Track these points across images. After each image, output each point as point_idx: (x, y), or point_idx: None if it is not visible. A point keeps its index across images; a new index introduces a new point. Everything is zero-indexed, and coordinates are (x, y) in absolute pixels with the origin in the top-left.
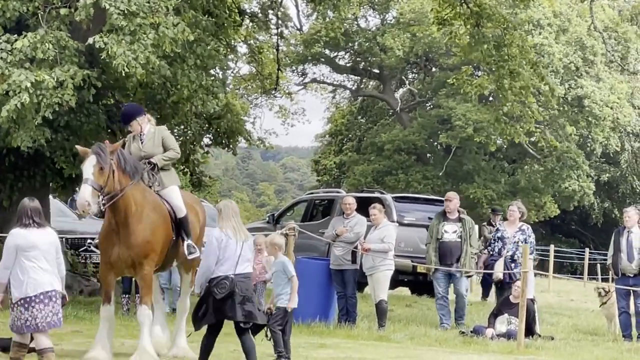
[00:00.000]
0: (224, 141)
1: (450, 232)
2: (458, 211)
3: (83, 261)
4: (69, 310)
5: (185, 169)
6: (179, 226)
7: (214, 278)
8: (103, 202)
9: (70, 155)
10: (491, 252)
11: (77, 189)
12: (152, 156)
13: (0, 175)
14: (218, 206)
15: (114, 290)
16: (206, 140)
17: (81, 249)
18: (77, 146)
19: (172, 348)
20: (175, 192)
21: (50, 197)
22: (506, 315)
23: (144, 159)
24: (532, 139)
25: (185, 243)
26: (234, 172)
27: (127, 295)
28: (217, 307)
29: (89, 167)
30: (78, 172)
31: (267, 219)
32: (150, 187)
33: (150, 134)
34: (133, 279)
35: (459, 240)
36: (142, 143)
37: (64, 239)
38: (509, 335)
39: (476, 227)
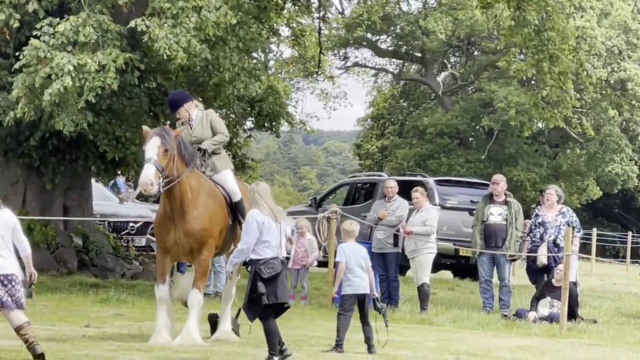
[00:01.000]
0: (266, 124)
1: (496, 214)
2: (505, 194)
3: (125, 244)
4: (111, 293)
5: (228, 152)
6: (235, 210)
7: (259, 259)
8: (162, 184)
9: (113, 138)
10: (533, 239)
11: (118, 172)
12: (202, 141)
13: (43, 158)
14: (252, 187)
15: (167, 272)
16: (248, 123)
17: (123, 232)
18: (144, 126)
19: (217, 332)
20: (229, 176)
21: (93, 180)
22: (548, 298)
23: (194, 144)
24: (570, 126)
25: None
26: (276, 156)
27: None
28: (269, 290)
29: (153, 148)
30: (120, 156)
31: (310, 202)
32: (203, 172)
33: (198, 118)
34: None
35: (505, 223)
36: (191, 129)
37: (106, 222)
38: (551, 319)
39: (522, 210)
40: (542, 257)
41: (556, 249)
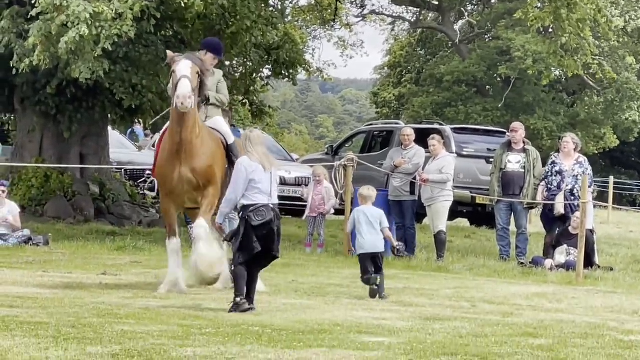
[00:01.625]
0: (283, 72)
1: (514, 162)
2: (523, 142)
3: (142, 192)
4: (128, 241)
5: (245, 100)
6: (230, 153)
7: (250, 205)
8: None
9: (129, 86)
10: (549, 186)
11: (136, 120)
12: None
13: (60, 106)
14: (244, 134)
15: (176, 222)
16: (266, 71)
17: (140, 180)
18: (168, 51)
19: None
20: (222, 121)
21: (109, 128)
22: (565, 246)
23: None
24: (590, 71)
25: None
26: (293, 105)
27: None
28: (258, 237)
29: (185, 67)
30: (137, 104)
31: (326, 150)
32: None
33: (210, 72)
34: None
35: (523, 171)
36: None
37: (123, 170)
38: (567, 267)
39: (540, 158)
40: (560, 206)
41: (572, 198)
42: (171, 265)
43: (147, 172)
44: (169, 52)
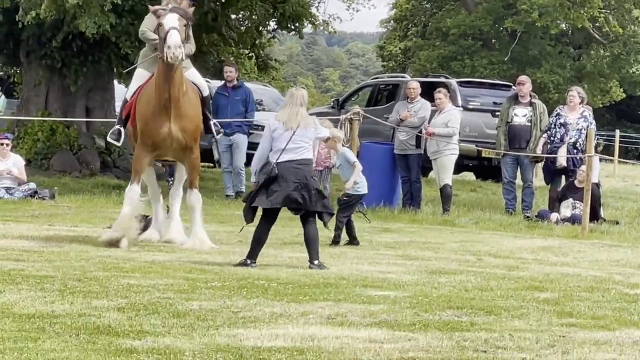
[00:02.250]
0: (289, 25)
1: (520, 115)
2: (530, 95)
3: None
4: None
5: (251, 53)
6: (204, 105)
7: (263, 164)
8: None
9: (135, 40)
10: (552, 138)
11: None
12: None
13: (66, 60)
14: (290, 90)
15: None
16: (271, 24)
17: None
18: (150, 6)
19: (191, 238)
20: (196, 72)
21: (115, 82)
22: (571, 199)
23: None
24: (597, 24)
25: (211, 122)
26: (299, 58)
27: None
28: (265, 193)
29: (172, 20)
30: None
31: (332, 104)
32: None
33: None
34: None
35: (529, 124)
36: None
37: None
38: (573, 220)
39: (547, 111)
40: (562, 158)
41: (575, 152)
42: (126, 213)
43: None
44: (150, 7)
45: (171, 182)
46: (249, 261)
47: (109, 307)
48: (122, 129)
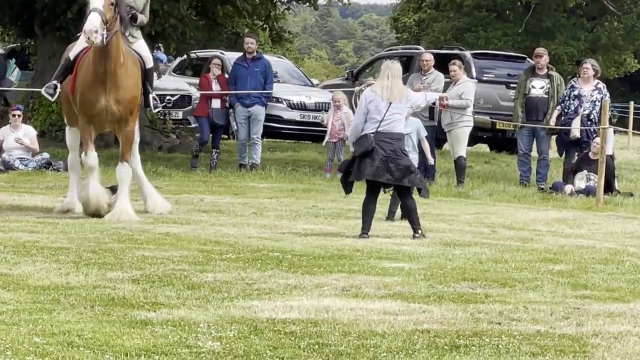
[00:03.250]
0: None
1: (537, 87)
2: (547, 67)
3: (162, 117)
4: (148, 166)
5: (265, 25)
6: (146, 77)
7: (360, 137)
8: (106, 36)
9: (150, 11)
10: (566, 110)
11: (157, 45)
12: (136, 10)
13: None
14: (386, 63)
15: (93, 137)
16: None
17: (160, 105)
18: None
19: (114, 210)
20: (143, 44)
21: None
22: (585, 171)
23: (130, 8)
24: None
25: (151, 95)
26: (313, 30)
27: (217, 150)
28: (359, 166)
29: (97, 1)
30: (159, 29)
31: (346, 75)
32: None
33: None
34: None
35: (546, 96)
36: None
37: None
38: (587, 192)
39: (564, 84)
40: (576, 130)
41: (589, 123)
42: (93, 182)
43: (168, 97)
44: None
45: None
46: (364, 233)
47: (123, 278)
48: (58, 84)
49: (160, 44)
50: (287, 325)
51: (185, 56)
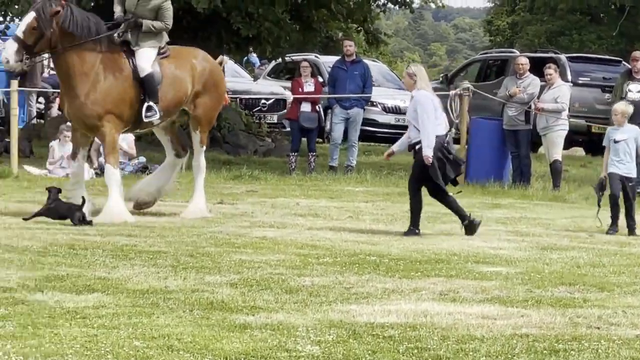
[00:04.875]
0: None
1: (635, 91)
2: None
3: (257, 121)
4: (244, 170)
5: (359, 28)
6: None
7: (438, 135)
8: (27, 61)
9: (246, 16)
10: None
11: (251, 49)
12: (141, 17)
13: (176, 35)
14: (411, 70)
15: (82, 147)
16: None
17: (255, 109)
18: None
19: (189, 206)
20: (145, 54)
21: (225, 57)
22: None
23: (134, 15)
24: None
25: (145, 104)
26: (406, 33)
27: (295, 154)
28: (443, 168)
29: (22, 24)
30: (254, 33)
31: (441, 79)
32: (126, 42)
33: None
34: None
35: None
36: (137, 2)
37: (237, 99)
38: None
39: None
40: None
41: None
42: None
43: (263, 101)
44: None
45: (293, 156)
46: (415, 230)
47: (221, 282)
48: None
49: (253, 48)
50: (386, 330)
51: (279, 59)
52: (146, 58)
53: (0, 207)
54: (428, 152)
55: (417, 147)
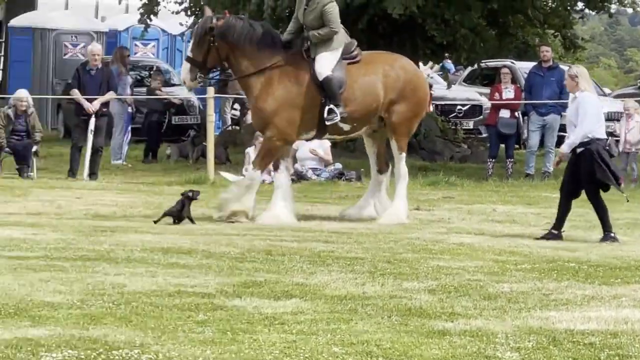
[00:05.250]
0: (597, 4)
1: None
2: None
3: (453, 127)
4: (440, 176)
5: (556, 33)
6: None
7: (600, 139)
8: (200, 77)
9: (442, 22)
10: None
11: (446, 55)
12: (311, 28)
13: (372, 42)
14: (573, 72)
15: (283, 157)
16: (580, 4)
17: (451, 116)
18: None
19: (389, 210)
20: (322, 59)
21: (420, 64)
22: None
23: (305, 27)
24: None
25: (326, 108)
26: (602, 38)
27: (493, 160)
28: (607, 170)
29: (190, 43)
30: (449, 39)
31: (638, 84)
32: (305, 52)
33: (314, 3)
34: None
35: None
36: (304, 11)
37: (434, 106)
38: None
39: None
40: None
41: None
42: (275, 196)
43: (459, 107)
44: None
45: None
46: (610, 233)
47: (419, 289)
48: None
49: (449, 54)
50: (586, 337)
51: (475, 66)
52: (323, 63)
53: (197, 212)
54: (565, 149)
55: (577, 150)
